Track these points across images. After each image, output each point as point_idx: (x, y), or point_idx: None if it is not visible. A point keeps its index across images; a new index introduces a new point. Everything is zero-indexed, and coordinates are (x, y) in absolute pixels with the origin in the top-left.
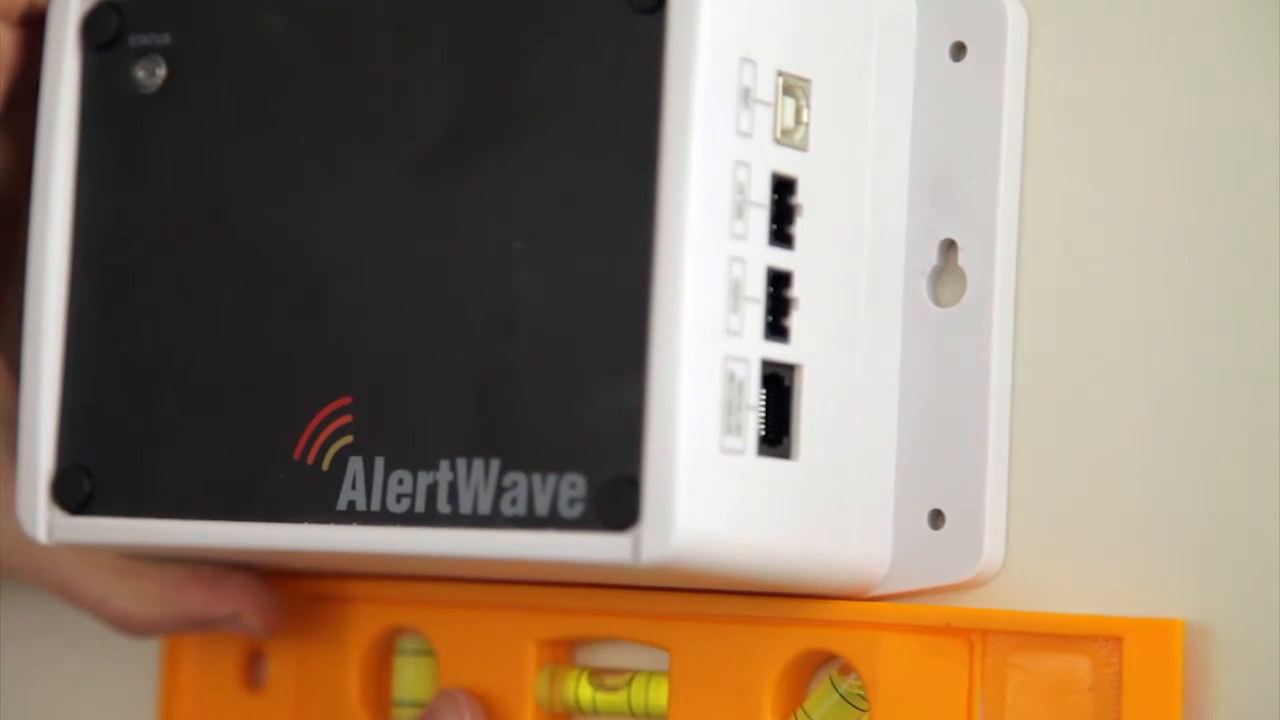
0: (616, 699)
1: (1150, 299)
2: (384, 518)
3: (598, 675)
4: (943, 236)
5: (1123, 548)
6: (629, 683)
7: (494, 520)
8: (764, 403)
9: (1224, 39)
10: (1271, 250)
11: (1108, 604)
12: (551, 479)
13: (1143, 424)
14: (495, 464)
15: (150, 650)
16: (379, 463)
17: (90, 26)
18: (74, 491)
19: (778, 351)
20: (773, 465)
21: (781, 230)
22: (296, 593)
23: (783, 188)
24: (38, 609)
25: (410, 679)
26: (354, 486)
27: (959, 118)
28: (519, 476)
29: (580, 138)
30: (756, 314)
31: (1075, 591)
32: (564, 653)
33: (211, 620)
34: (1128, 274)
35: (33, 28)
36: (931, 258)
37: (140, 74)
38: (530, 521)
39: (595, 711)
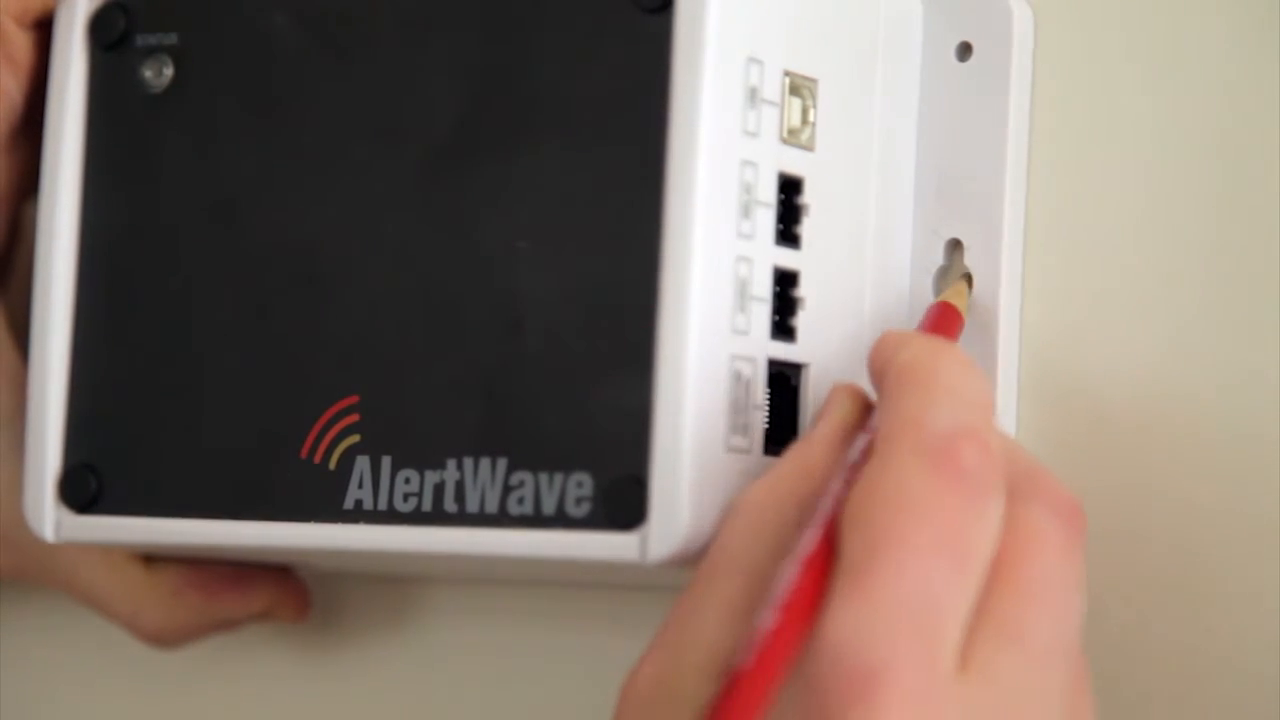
0: None
1: (1156, 298)
2: (391, 517)
3: None
4: (948, 236)
5: (1127, 550)
6: None
7: (501, 519)
8: (770, 402)
9: (1229, 38)
10: (1273, 248)
11: (1110, 607)
12: (558, 478)
13: (1148, 424)
14: (502, 463)
15: (150, 653)
16: (386, 462)
17: (97, 26)
18: (81, 490)
19: (784, 351)
20: None
21: (788, 230)
22: None
23: (789, 187)
24: (38, 610)
25: None
26: (361, 485)
27: (965, 117)
28: (526, 475)
29: (587, 137)
30: (763, 313)
31: None
32: None
33: (244, 620)
34: (1133, 273)
35: (48, 30)
36: (937, 257)
37: (148, 74)
38: (537, 520)
39: None
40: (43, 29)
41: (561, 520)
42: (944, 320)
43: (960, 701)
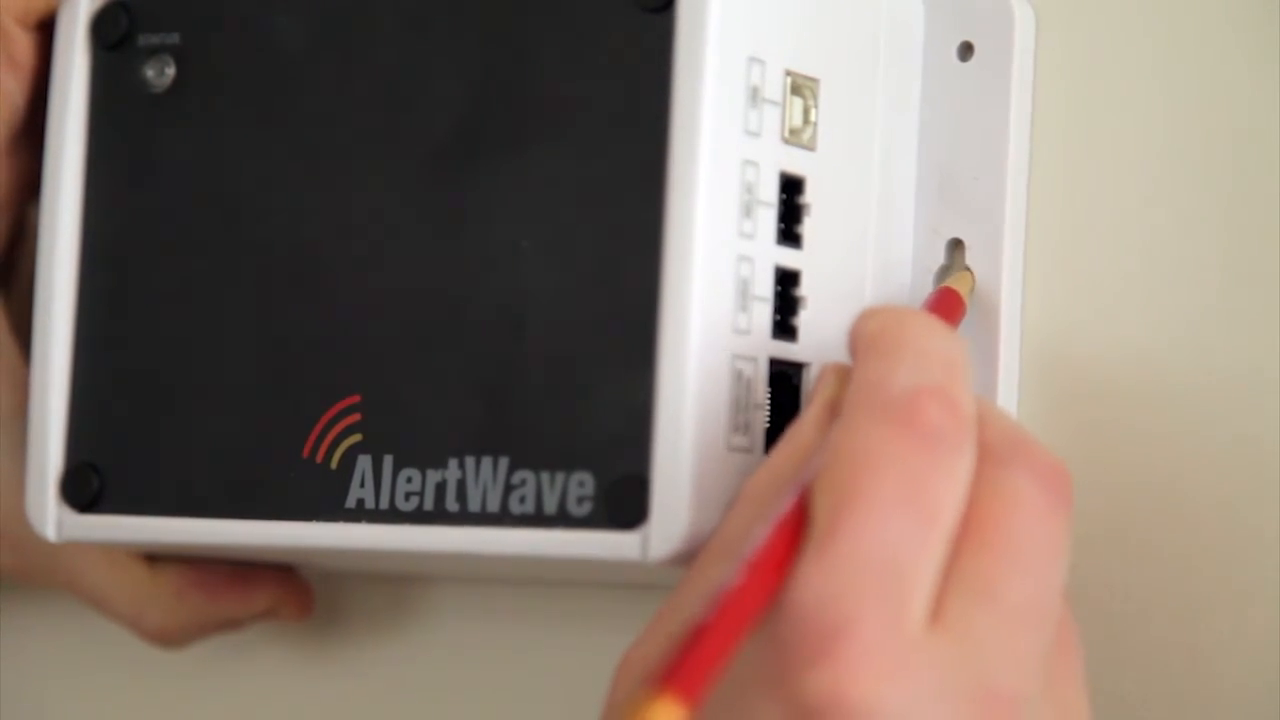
0: None
1: (1157, 297)
2: (393, 516)
3: None
4: (950, 236)
5: (1129, 550)
6: None
7: (503, 518)
8: (772, 401)
9: (1229, 39)
10: (1274, 248)
11: (1112, 606)
12: (560, 477)
13: (1150, 422)
14: (504, 462)
15: (151, 652)
16: (388, 461)
17: (100, 26)
18: (83, 489)
19: (785, 350)
20: None
21: (789, 229)
22: None
23: (791, 187)
24: (39, 610)
25: None
26: (363, 484)
27: (966, 117)
28: (527, 475)
29: (589, 137)
30: (764, 313)
31: (1078, 592)
32: None
33: (248, 619)
34: (1134, 272)
35: (51, 32)
36: (939, 257)
37: (149, 73)
38: (539, 520)
39: None
40: (45, 30)
41: (563, 519)
42: (944, 303)
43: (929, 657)
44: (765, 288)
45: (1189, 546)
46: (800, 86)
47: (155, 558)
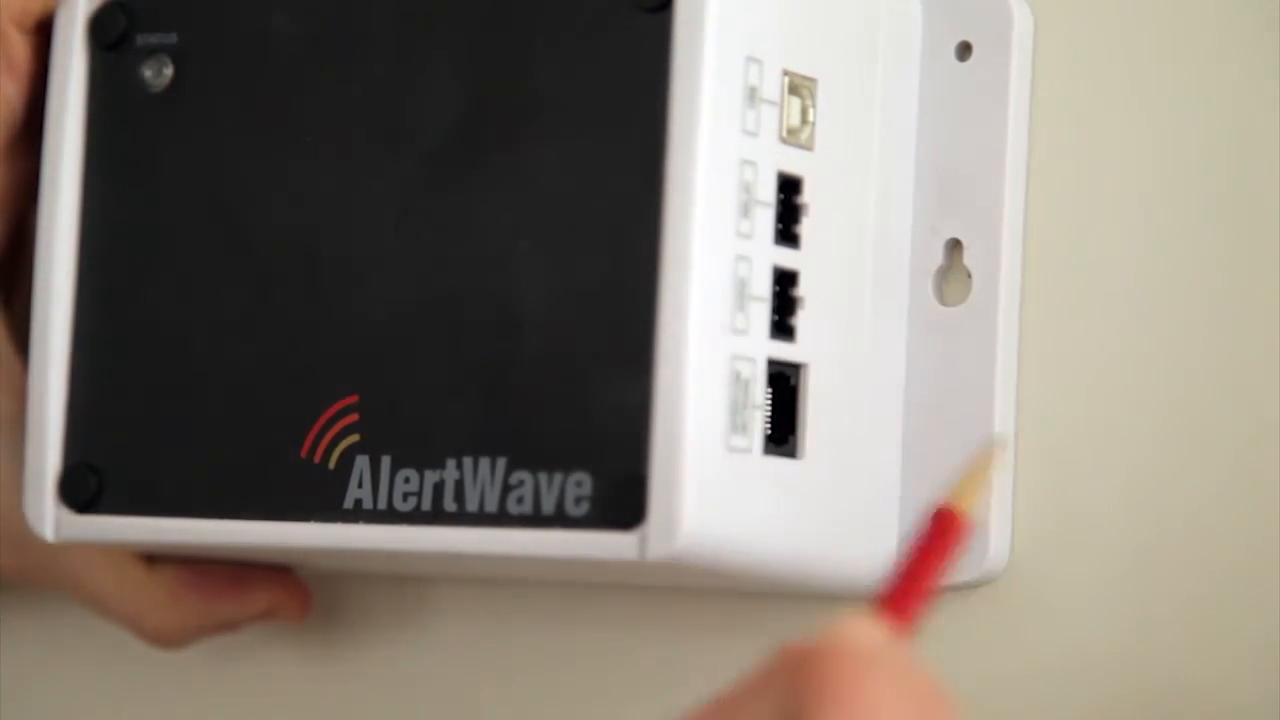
0: None
1: (1155, 298)
2: (390, 516)
3: None
4: (948, 236)
5: (1129, 549)
6: None
7: (500, 519)
8: (770, 402)
9: (1227, 39)
10: (1273, 249)
11: (1112, 606)
12: (558, 477)
13: (1148, 423)
14: (502, 462)
15: (151, 652)
16: (385, 461)
17: (98, 26)
18: (81, 490)
19: (783, 350)
20: (778, 464)
21: (787, 229)
22: None
23: (789, 187)
24: (39, 610)
25: None
26: (360, 485)
27: (964, 117)
28: (525, 475)
29: (587, 137)
30: (762, 313)
31: (1079, 593)
32: None
33: (245, 620)
34: (1132, 273)
35: (48, 34)
36: (937, 257)
37: (148, 73)
38: (537, 520)
39: None
40: (43, 33)
41: (561, 520)
42: (937, 543)
43: None
44: (763, 287)
45: (1189, 546)
46: (798, 86)
47: (153, 558)
